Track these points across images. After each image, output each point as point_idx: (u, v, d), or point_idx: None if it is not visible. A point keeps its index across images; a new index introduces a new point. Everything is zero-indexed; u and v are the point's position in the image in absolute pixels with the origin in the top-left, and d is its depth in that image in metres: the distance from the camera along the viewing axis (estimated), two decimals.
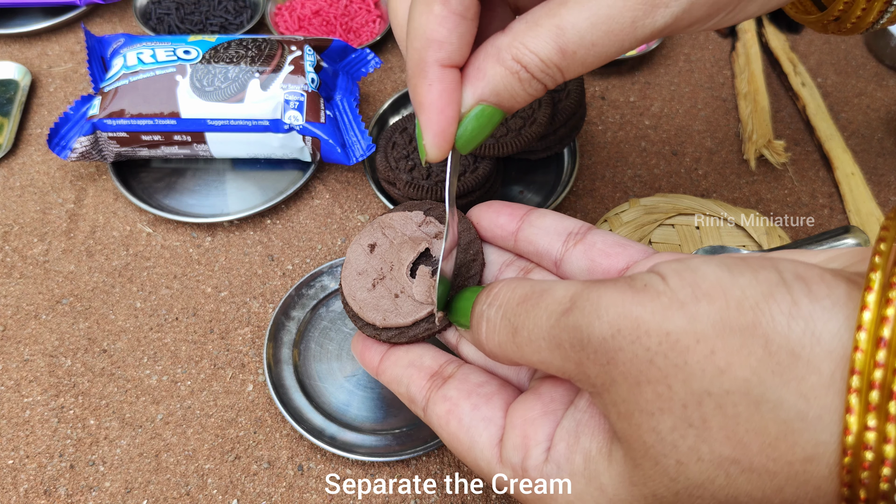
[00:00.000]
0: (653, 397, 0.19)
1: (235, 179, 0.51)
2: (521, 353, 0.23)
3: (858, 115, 0.56)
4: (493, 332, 0.24)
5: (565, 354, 0.21)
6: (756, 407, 0.17)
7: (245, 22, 0.60)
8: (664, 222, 0.41)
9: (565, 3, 0.23)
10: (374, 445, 0.39)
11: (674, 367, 0.18)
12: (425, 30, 0.25)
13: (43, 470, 0.38)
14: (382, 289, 0.30)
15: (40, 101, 0.56)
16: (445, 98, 0.25)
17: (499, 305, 0.24)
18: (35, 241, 0.48)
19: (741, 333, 0.17)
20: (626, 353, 0.19)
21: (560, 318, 0.21)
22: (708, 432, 0.18)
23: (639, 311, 0.19)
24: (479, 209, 0.31)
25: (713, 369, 0.18)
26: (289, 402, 0.40)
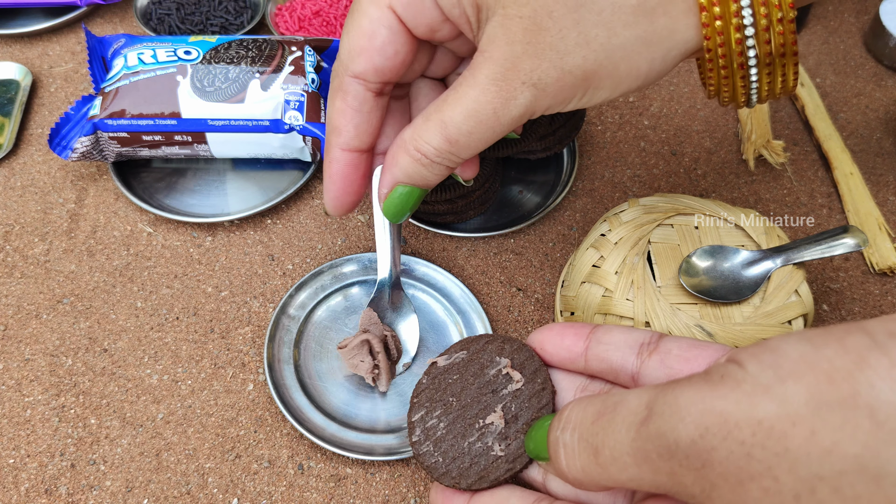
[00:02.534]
0: (760, 494, 0.17)
1: (236, 179, 0.51)
2: (607, 474, 0.22)
3: (857, 115, 0.56)
4: (574, 458, 0.23)
5: (655, 467, 0.20)
6: (877, 484, 0.16)
7: (245, 22, 0.60)
8: (663, 222, 0.41)
9: (446, 101, 0.28)
10: (374, 444, 0.39)
11: (775, 457, 0.17)
12: (330, 118, 0.32)
13: (44, 469, 0.38)
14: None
15: (41, 101, 0.56)
16: (339, 174, 0.32)
17: (573, 428, 0.23)
18: (36, 241, 0.48)
19: (840, 408, 0.16)
20: (720, 451, 0.18)
21: (640, 429, 0.20)
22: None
23: (722, 404, 0.18)
24: (540, 334, 0.31)
25: (819, 451, 0.16)
26: (289, 401, 0.40)
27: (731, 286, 0.38)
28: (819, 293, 0.46)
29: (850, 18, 0.64)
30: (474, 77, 0.28)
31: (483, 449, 0.28)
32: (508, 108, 0.27)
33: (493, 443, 0.28)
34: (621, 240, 0.40)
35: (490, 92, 0.27)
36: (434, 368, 0.32)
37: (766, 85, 0.28)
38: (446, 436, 0.29)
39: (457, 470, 0.28)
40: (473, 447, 0.29)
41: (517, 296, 0.46)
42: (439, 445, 0.29)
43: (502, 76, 0.27)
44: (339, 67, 0.31)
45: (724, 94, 0.29)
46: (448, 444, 0.29)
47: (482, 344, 0.32)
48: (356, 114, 0.31)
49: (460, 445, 0.29)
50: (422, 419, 0.30)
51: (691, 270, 0.39)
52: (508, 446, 0.28)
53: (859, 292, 0.46)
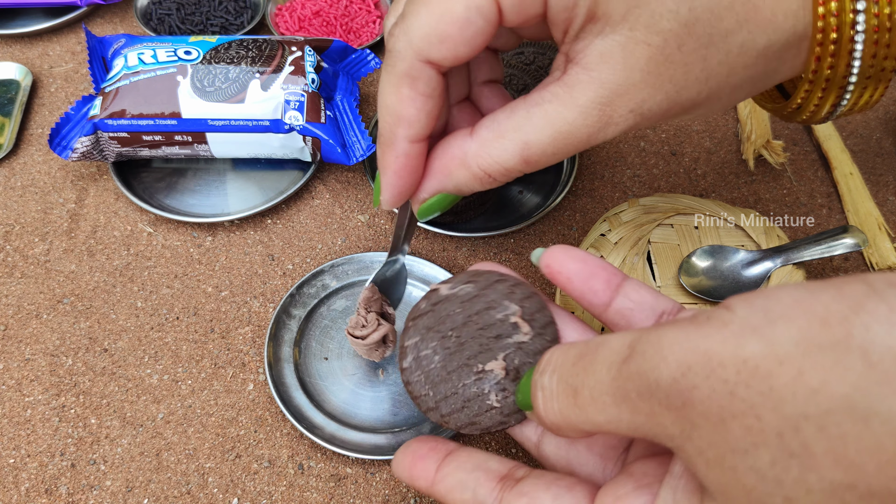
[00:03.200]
0: (742, 433, 0.17)
1: (236, 179, 0.51)
2: (585, 415, 0.21)
3: (857, 116, 0.56)
4: (552, 400, 0.22)
5: (634, 406, 0.19)
6: (865, 423, 0.15)
7: (246, 22, 0.61)
8: (663, 222, 0.41)
9: (530, 120, 0.26)
10: (374, 444, 0.39)
11: (759, 396, 0.17)
12: (395, 108, 0.28)
13: (44, 469, 0.38)
14: None
15: (41, 101, 0.56)
16: (408, 169, 0.29)
17: (552, 370, 0.23)
18: (36, 241, 0.48)
19: (832, 349, 0.16)
20: (702, 390, 0.17)
21: (621, 368, 0.20)
22: (813, 459, 0.16)
23: (707, 343, 0.18)
24: (571, 263, 0.28)
25: (805, 391, 0.16)
26: (289, 400, 0.40)
27: (730, 286, 0.38)
28: None
29: None
30: (573, 97, 0.25)
31: (478, 394, 0.27)
32: (605, 132, 0.26)
33: (490, 391, 0.27)
34: (621, 240, 0.40)
35: (591, 116, 0.25)
36: (435, 295, 0.29)
37: (856, 97, 0.28)
38: (440, 371, 0.27)
39: (447, 408, 0.27)
40: (468, 390, 0.27)
41: None
42: (430, 378, 0.27)
43: (609, 102, 0.25)
44: (406, 50, 0.26)
45: (810, 110, 0.29)
46: (440, 379, 0.27)
47: (491, 281, 0.29)
48: (428, 101, 0.27)
49: (454, 384, 0.27)
50: (415, 346, 0.28)
51: (691, 270, 0.39)
52: (505, 399, 0.27)
53: None
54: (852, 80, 0.27)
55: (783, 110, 0.31)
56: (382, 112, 0.28)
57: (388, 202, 0.30)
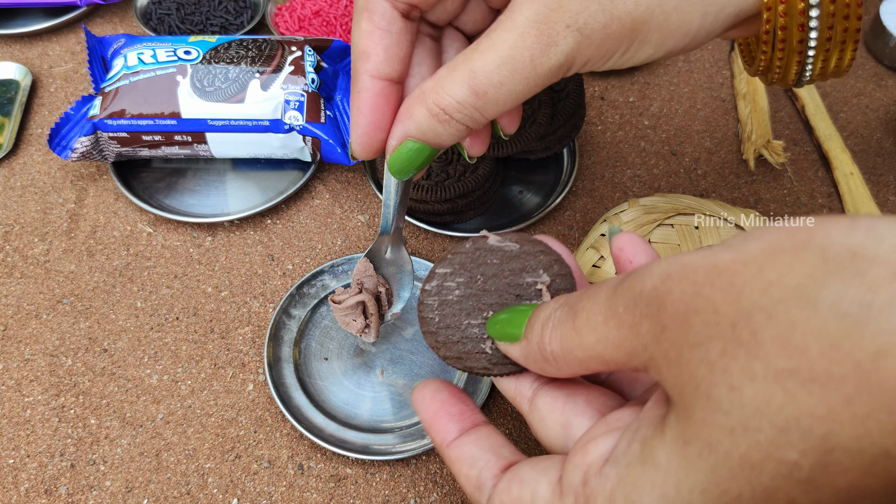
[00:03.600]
0: (701, 327, 0.17)
1: (236, 179, 0.51)
2: (580, 339, 0.21)
3: (857, 115, 0.56)
4: (557, 328, 0.23)
5: (620, 321, 0.20)
6: (813, 308, 0.16)
7: (245, 22, 0.60)
8: (663, 222, 0.41)
9: (477, 49, 0.26)
10: (374, 444, 0.39)
11: (720, 292, 0.17)
12: (356, 43, 0.29)
13: (44, 469, 0.38)
14: None
15: (41, 101, 0.56)
16: (370, 105, 0.29)
17: (566, 303, 0.23)
18: (36, 241, 0.48)
19: (793, 250, 0.17)
20: (675, 293, 0.18)
21: (616, 287, 0.21)
22: (760, 347, 0.16)
23: (688, 257, 0.19)
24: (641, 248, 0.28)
25: (762, 283, 0.17)
26: (289, 400, 0.40)
27: None
28: None
29: None
30: (512, 20, 0.26)
31: (477, 337, 0.28)
32: (548, 56, 0.25)
33: (489, 339, 0.28)
34: None
35: (530, 36, 0.25)
36: (482, 241, 0.30)
37: (820, 63, 0.27)
38: (454, 304, 0.29)
39: (443, 336, 0.28)
40: (470, 329, 0.28)
41: None
42: (443, 308, 0.29)
43: (545, 18, 0.25)
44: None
45: (776, 72, 0.28)
46: (450, 312, 0.29)
47: (537, 249, 0.30)
48: (385, 34, 0.28)
49: (460, 320, 0.28)
50: (444, 276, 0.29)
51: None
52: (498, 350, 0.28)
53: None
54: (811, 44, 0.26)
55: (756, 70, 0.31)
56: (352, 49, 0.29)
57: (355, 144, 0.30)
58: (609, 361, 0.21)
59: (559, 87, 0.48)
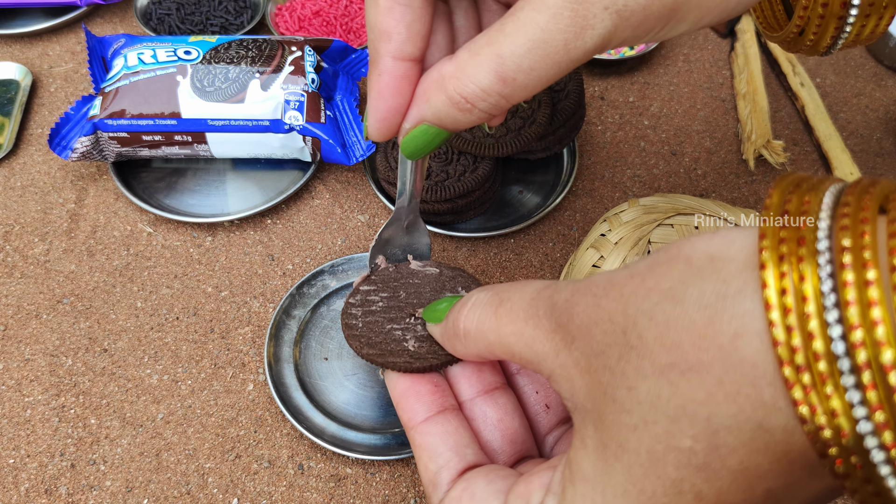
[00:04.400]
0: (601, 336, 0.19)
1: (236, 179, 0.51)
2: (497, 325, 0.23)
3: (857, 116, 0.56)
4: (477, 308, 0.24)
5: (538, 322, 0.22)
6: (681, 306, 0.17)
7: (245, 22, 0.60)
8: (663, 222, 0.41)
9: (503, 30, 0.24)
10: (374, 444, 0.39)
11: (613, 303, 0.19)
12: (375, 22, 0.26)
13: (44, 469, 0.38)
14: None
15: (41, 101, 0.56)
16: (391, 89, 0.27)
17: (490, 288, 0.25)
18: (36, 241, 0.48)
19: (667, 262, 0.19)
20: (580, 305, 0.20)
21: (541, 291, 0.22)
22: (645, 347, 0.18)
23: (594, 276, 0.21)
24: None
25: (643, 291, 0.19)
26: (289, 400, 0.40)
27: None
28: None
29: None
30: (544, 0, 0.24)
31: (400, 338, 0.30)
32: (583, 39, 0.24)
33: (411, 339, 0.30)
34: (621, 240, 0.40)
35: (564, 18, 0.23)
36: (404, 266, 0.33)
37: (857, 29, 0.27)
38: (377, 313, 0.31)
39: (366, 338, 0.30)
40: (393, 332, 0.30)
41: None
42: (367, 316, 0.31)
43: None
44: None
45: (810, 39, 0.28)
46: (374, 320, 0.31)
47: (455, 273, 0.33)
48: (407, 10, 0.26)
49: (383, 326, 0.30)
50: (367, 291, 0.32)
51: None
52: (420, 347, 0.29)
53: None
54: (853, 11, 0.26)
55: (785, 36, 0.30)
56: (367, 29, 0.27)
57: (372, 128, 0.28)
58: (516, 355, 0.23)
59: (559, 87, 0.48)
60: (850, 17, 0.27)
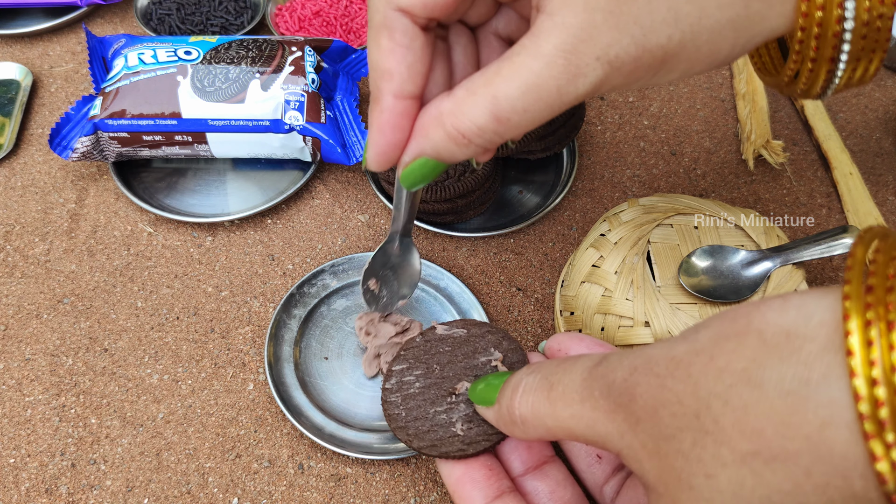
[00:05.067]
0: (670, 419, 0.19)
1: (236, 179, 0.51)
2: (553, 410, 0.23)
3: (856, 116, 0.56)
4: (529, 394, 0.24)
5: (595, 403, 0.21)
6: (760, 390, 0.17)
7: (246, 23, 0.61)
8: (663, 222, 0.41)
9: (499, 73, 0.25)
10: (374, 444, 0.39)
11: (681, 384, 0.18)
12: (378, 62, 0.28)
13: (44, 469, 0.38)
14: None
15: (41, 101, 0.57)
16: (391, 126, 0.28)
17: (537, 370, 0.25)
18: (36, 241, 0.48)
19: (735, 337, 0.18)
20: (642, 385, 0.20)
21: (592, 370, 0.22)
22: (723, 433, 0.17)
23: (650, 350, 0.20)
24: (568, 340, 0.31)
25: (714, 371, 0.18)
26: (289, 400, 0.40)
27: (730, 286, 0.38)
28: None
29: None
30: (538, 46, 0.24)
31: (446, 422, 0.30)
32: (575, 86, 0.25)
33: (458, 421, 0.29)
34: (621, 240, 0.40)
35: (557, 66, 0.24)
36: (431, 332, 0.33)
37: (848, 74, 0.28)
38: (417, 396, 0.30)
39: (413, 429, 0.30)
40: (438, 416, 0.30)
41: (517, 296, 0.46)
42: (407, 402, 0.30)
43: (573, 48, 0.24)
44: (378, 2, 0.27)
45: (803, 84, 0.28)
46: (415, 404, 0.30)
47: (483, 331, 0.32)
48: (407, 52, 0.27)
49: (426, 410, 0.30)
50: (401, 371, 0.31)
51: (691, 270, 0.39)
52: (470, 430, 0.29)
53: None
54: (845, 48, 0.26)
55: (780, 82, 0.31)
56: (370, 69, 0.28)
57: (371, 160, 0.29)
58: (578, 437, 0.23)
59: None
60: (841, 62, 0.27)
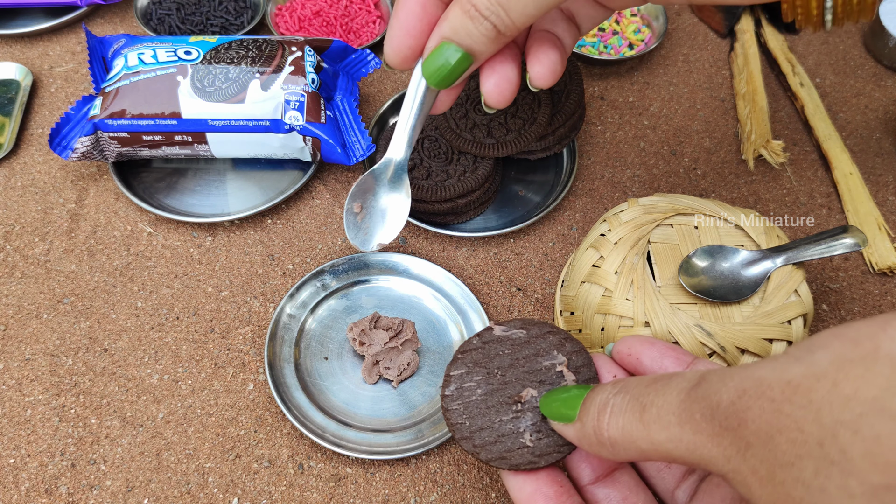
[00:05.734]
0: (788, 446, 0.18)
1: (236, 179, 0.51)
2: (647, 432, 0.22)
3: (856, 115, 0.56)
4: (618, 416, 0.23)
5: (697, 427, 0.21)
6: (894, 420, 0.16)
7: (246, 23, 0.61)
8: (663, 222, 0.41)
9: None
10: (374, 444, 0.39)
11: (800, 409, 0.18)
12: None
13: (44, 469, 0.38)
14: None
15: (41, 101, 0.56)
16: (411, 15, 0.29)
17: (625, 390, 0.24)
18: (36, 241, 0.48)
19: (862, 361, 0.17)
20: (754, 410, 0.19)
21: (690, 392, 0.21)
22: (851, 464, 0.17)
23: (760, 371, 0.19)
24: (637, 344, 0.30)
25: (840, 399, 0.17)
26: (289, 400, 0.40)
27: (730, 286, 0.38)
28: (819, 293, 0.46)
29: None
30: None
31: (513, 432, 0.28)
32: None
33: (525, 431, 0.28)
34: (621, 240, 0.40)
35: None
36: (488, 333, 0.31)
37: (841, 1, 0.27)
38: (480, 403, 0.29)
39: (480, 440, 0.28)
40: (504, 426, 0.28)
41: (517, 295, 0.46)
42: (469, 409, 0.29)
43: None
44: None
45: (799, 9, 0.28)
46: (479, 412, 0.29)
47: (543, 331, 0.31)
48: None
49: (491, 418, 0.28)
50: (461, 377, 0.30)
51: (691, 270, 0.39)
52: (539, 440, 0.28)
53: (859, 292, 0.46)
54: None
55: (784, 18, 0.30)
56: None
57: (392, 54, 0.30)
58: (677, 459, 0.22)
59: (559, 87, 0.48)
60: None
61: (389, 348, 0.41)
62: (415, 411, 0.40)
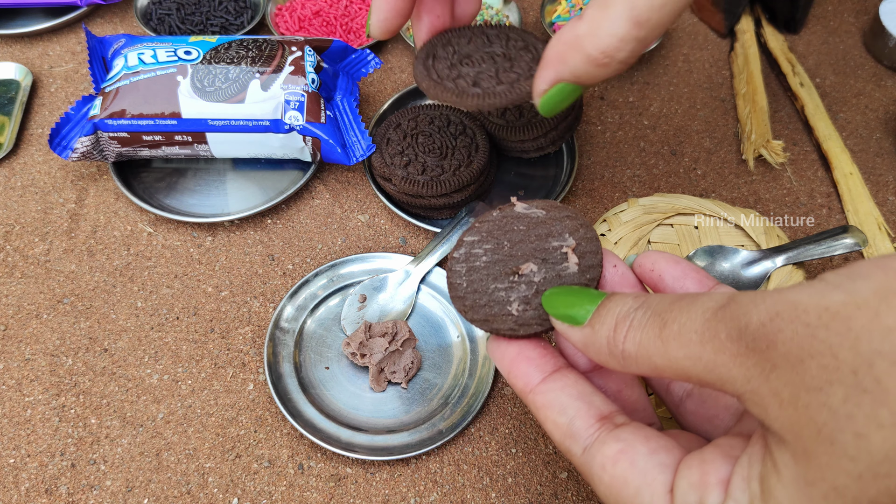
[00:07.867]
0: (819, 371, 0.18)
1: (236, 179, 0.51)
2: (665, 348, 0.22)
3: (857, 115, 0.56)
4: (637, 330, 0.23)
5: (719, 346, 0.20)
6: None
7: (246, 22, 0.61)
8: (663, 222, 0.41)
9: None
10: (374, 444, 0.39)
11: (837, 336, 0.17)
12: None
13: (44, 469, 0.38)
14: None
15: (41, 101, 0.56)
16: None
17: (647, 306, 0.23)
18: (36, 241, 0.48)
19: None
20: (786, 332, 0.18)
21: (717, 312, 0.21)
22: (885, 394, 0.16)
23: (796, 295, 0.19)
24: (661, 261, 0.29)
25: (881, 329, 0.17)
26: (289, 401, 0.40)
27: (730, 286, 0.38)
28: None
29: (849, 18, 0.64)
30: None
31: (503, 300, 0.29)
32: None
33: (515, 301, 0.29)
34: (621, 240, 0.40)
35: None
36: (509, 209, 0.31)
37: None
38: (481, 269, 0.30)
39: (470, 301, 0.29)
40: (497, 293, 0.29)
41: None
42: (470, 274, 0.30)
43: None
44: None
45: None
46: (478, 277, 0.29)
47: (563, 214, 0.31)
48: None
49: (487, 285, 0.29)
50: (471, 243, 0.30)
51: None
52: (524, 312, 0.28)
53: None
54: None
55: None
56: None
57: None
58: (692, 377, 0.21)
59: None
60: None
61: (390, 353, 0.41)
62: (414, 411, 0.40)
